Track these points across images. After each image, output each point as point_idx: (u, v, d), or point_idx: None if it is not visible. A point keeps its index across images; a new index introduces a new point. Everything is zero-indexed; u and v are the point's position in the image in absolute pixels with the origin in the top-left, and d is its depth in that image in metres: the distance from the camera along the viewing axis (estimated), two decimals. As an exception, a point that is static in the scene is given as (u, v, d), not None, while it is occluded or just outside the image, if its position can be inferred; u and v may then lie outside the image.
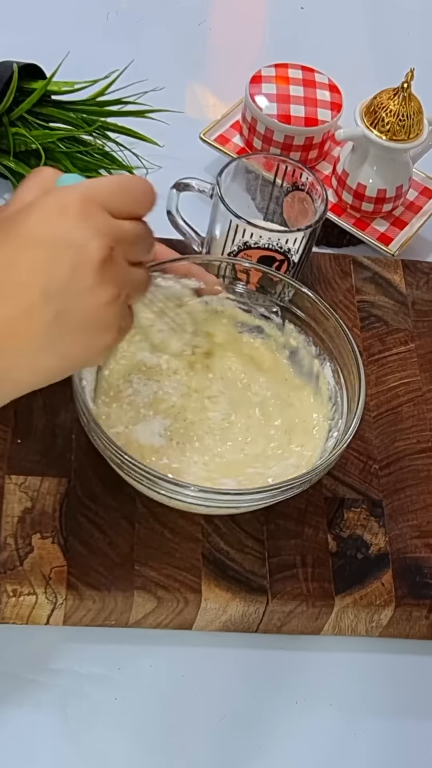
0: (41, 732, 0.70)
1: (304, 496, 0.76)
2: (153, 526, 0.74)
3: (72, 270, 0.57)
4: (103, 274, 0.58)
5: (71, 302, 0.57)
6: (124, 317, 0.60)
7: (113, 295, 0.58)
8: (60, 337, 0.58)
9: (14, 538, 0.72)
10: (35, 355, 0.58)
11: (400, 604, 0.75)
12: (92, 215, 0.58)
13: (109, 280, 0.58)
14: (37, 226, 0.58)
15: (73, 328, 0.58)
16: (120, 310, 0.59)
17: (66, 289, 0.57)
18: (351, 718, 0.74)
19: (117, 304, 0.59)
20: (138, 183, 0.62)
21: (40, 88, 0.95)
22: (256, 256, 0.85)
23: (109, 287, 0.58)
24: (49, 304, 0.57)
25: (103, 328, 0.59)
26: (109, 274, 0.58)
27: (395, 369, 0.87)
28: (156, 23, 1.21)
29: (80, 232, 0.57)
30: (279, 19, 1.28)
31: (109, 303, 0.58)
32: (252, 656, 0.75)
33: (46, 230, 0.58)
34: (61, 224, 0.58)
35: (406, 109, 0.95)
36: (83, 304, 0.58)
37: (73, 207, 0.58)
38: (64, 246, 0.57)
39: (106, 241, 0.58)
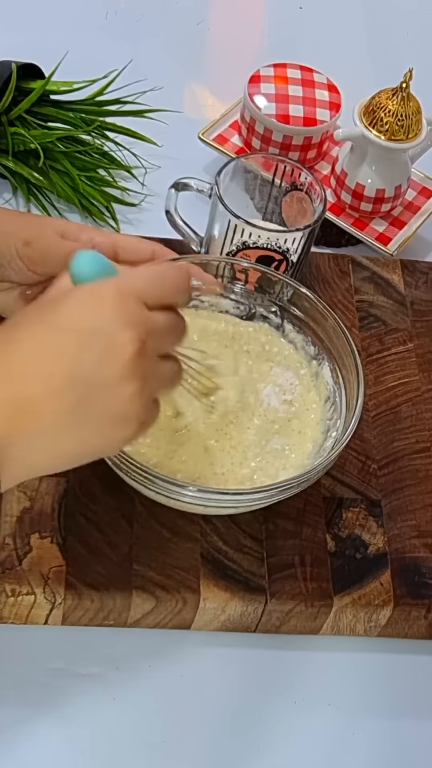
0: (39, 731, 0.70)
1: (302, 495, 0.76)
2: (152, 526, 0.74)
3: (100, 359, 0.57)
4: (132, 367, 0.57)
5: (96, 391, 0.57)
6: (148, 411, 0.60)
7: (138, 388, 0.58)
8: (81, 423, 0.57)
9: (13, 537, 0.72)
10: (54, 438, 0.57)
11: (399, 604, 0.75)
12: (127, 307, 0.58)
13: (137, 373, 0.58)
14: (72, 313, 0.58)
15: (95, 416, 0.57)
16: (144, 404, 0.59)
17: (92, 376, 0.57)
18: (349, 718, 0.74)
19: (141, 397, 0.58)
20: (174, 273, 0.62)
21: (38, 87, 0.95)
22: (255, 255, 0.85)
23: (135, 380, 0.58)
24: (74, 390, 0.56)
25: (125, 420, 0.58)
26: (138, 368, 0.58)
27: (394, 369, 0.88)
28: (155, 23, 1.21)
29: (113, 323, 0.57)
30: (278, 19, 1.28)
31: (134, 396, 0.58)
32: (250, 656, 0.75)
33: (80, 318, 0.58)
34: (96, 314, 0.58)
35: (404, 109, 0.95)
36: (107, 394, 0.57)
37: (109, 298, 0.58)
38: (96, 335, 0.57)
39: (139, 333, 0.58)
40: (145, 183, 1.01)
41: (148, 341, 0.58)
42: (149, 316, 0.59)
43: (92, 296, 0.59)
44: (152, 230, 0.91)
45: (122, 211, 0.99)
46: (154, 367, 0.60)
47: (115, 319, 0.57)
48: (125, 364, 0.57)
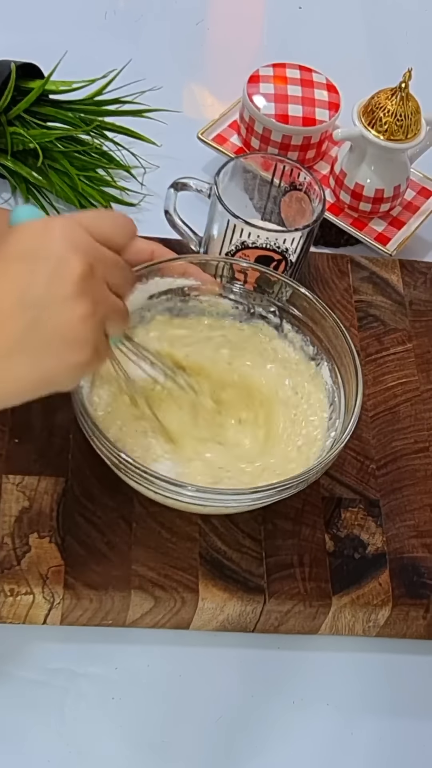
0: (38, 731, 0.70)
1: (301, 495, 0.76)
2: (150, 526, 0.74)
3: (50, 280, 0.58)
4: (82, 287, 0.58)
5: (47, 311, 0.58)
6: (100, 340, 0.61)
7: (89, 310, 0.59)
8: (34, 346, 0.58)
9: (11, 537, 0.72)
10: (9, 362, 0.58)
11: (397, 604, 0.75)
12: (74, 233, 0.60)
13: (87, 295, 0.59)
14: (20, 242, 0.60)
15: (48, 338, 0.58)
16: (95, 328, 0.60)
17: (43, 298, 0.58)
18: (348, 718, 0.74)
19: (93, 320, 0.59)
20: (119, 214, 0.64)
21: (37, 87, 0.95)
22: (254, 255, 0.85)
23: (85, 302, 0.59)
24: (25, 312, 0.58)
25: (78, 343, 0.59)
26: (87, 289, 0.59)
27: (393, 369, 0.88)
28: (154, 23, 1.21)
29: (61, 246, 0.59)
30: (277, 19, 1.28)
31: (85, 317, 0.59)
32: (249, 656, 0.75)
33: (28, 246, 0.59)
34: (44, 240, 0.59)
35: (403, 109, 0.95)
36: (59, 315, 0.58)
37: (57, 226, 0.59)
38: (44, 257, 0.58)
39: (86, 257, 0.59)
40: (144, 183, 1.01)
41: (96, 265, 0.59)
42: (96, 245, 0.61)
43: (40, 226, 0.60)
44: (151, 230, 0.91)
45: (121, 210, 0.99)
46: (104, 294, 0.61)
47: (63, 243, 0.59)
48: (75, 283, 0.58)
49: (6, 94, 0.93)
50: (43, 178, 0.96)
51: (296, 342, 0.81)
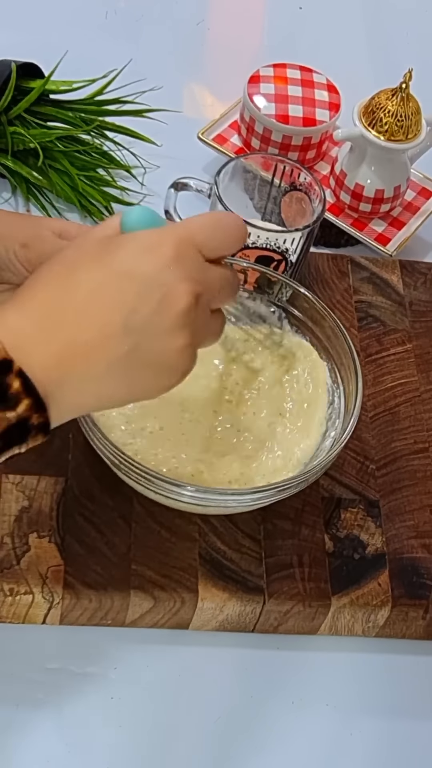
0: (37, 731, 0.70)
1: (301, 496, 0.76)
2: (150, 526, 0.74)
3: (156, 309, 0.57)
4: (185, 319, 0.58)
5: (148, 340, 0.57)
6: (194, 361, 0.61)
7: (188, 341, 0.58)
8: (129, 370, 0.58)
9: (11, 537, 0.72)
10: (101, 382, 0.58)
11: (397, 605, 0.75)
12: (186, 258, 0.58)
13: (189, 327, 0.58)
14: (130, 258, 0.58)
15: (143, 364, 0.58)
16: (191, 356, 0.60)
17: (146, 326, 0.57)
18: (347, 718, 0.74)
19: (190, 350, 0.59)
20: (230, 219, 0.62)
21: (38, 87, 0.95)
22: (254, 256, 0.85)
23: (186, 334, 0.58)
24: (127, 338, 0.57)
25: (172, 370, 0.59)
26: (190, 321, 0.58)
27: (392, 369, 0.88)
28: (155, 22, 1.21)
29: (171, 274, 0.58)
30: (277, 19, 1.28)
31: (183, 349, 0.58)
32: (248, 656, 0.75)
33: (138, 265, 0.58)
34: (154, 262, 0.58)
35: (404, 110, 0.95)
36: (159, 345, 0.58)
37: (168, 246, 0.58)
38: (154, 284, 0.57)
39: (195, 287, 0.58)
40: (144, 183, 1.01)
41: (202, 295, 0.59)
42: (206, 270, 0.60)
43: (153, 243, 0.59)
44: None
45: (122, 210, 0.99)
46: (205, 321, 0.60)
47: (174, 270, 0.58)
48: (179, 316, 0.58)
49: (6, 93, 0.93)
50: (43, 178, 0.96)
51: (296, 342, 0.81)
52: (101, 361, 0.57)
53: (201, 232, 0.60)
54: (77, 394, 0.58)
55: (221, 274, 0.61)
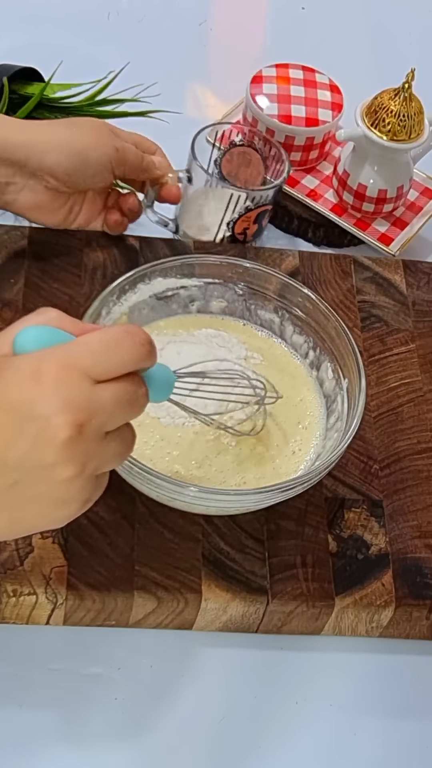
0: (41, 732, 0.70)
1: (304, 496, 0.76)
2: (153, 527, 0.74)
3: (33, 444, 0.53)
4: (65, 452, 0.53)
5: (29, 475, 0.54)
6: (90, 489, 0.56)
7: (75, 472, 0.54)
8: (14, 504, 0.55)
9: (14, 538, 0.72)
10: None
11: (401, 605, 0.75)
12: (67, 386, 0.54)
13: (72, 459, 0.54)
14: (8, 390, 0.54)
15: (31, 498, 0.55)
16: (83, 486, 0.55)
17: (25, 461, 0.53)
18: (351, 719, 0.74)
19: (80, 479, 0.55)
20: (132, 338, 0.56)
21: (36, 94, 0.95)
22: (254, 215, 0.90)
23: (70, 465, 0.54)
24: (6, 473, 0.54)
25: (64, 502, 0.55)
26: (73, 452, 0.54)
27: (396, 369, 0.87)
28: (157, 23, 1.21)
29: (49, 405, 0.53)
30: (280, 20, 1.28)
31: (71, 480, 0.54)
32: (252, 656, 0.75)
33: (16, 396, 0.54)
34: (33, 392, 0.54)
35: (406, 110, 0.95)
36: (42, 479, 0.54)
37: (49, 375, 0.54)
38: (29, 418, 0.53)
39: (76, 416, 0.53)
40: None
41: (90, 422, 0.54)
42: (93, 395, 0.55)
43: (32, 371, 0.54)
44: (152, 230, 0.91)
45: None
46: (96, 448, 0.55)
47: (51, 401, 0.53)
48: (59, 449, 0.53)
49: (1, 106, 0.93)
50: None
51: (298, 343, 0.81)
52: None
53: (89, 356, 0.55)
54: None
55: (115, 394, 0.55)
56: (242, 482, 0.75)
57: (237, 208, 0.89)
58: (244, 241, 0.92)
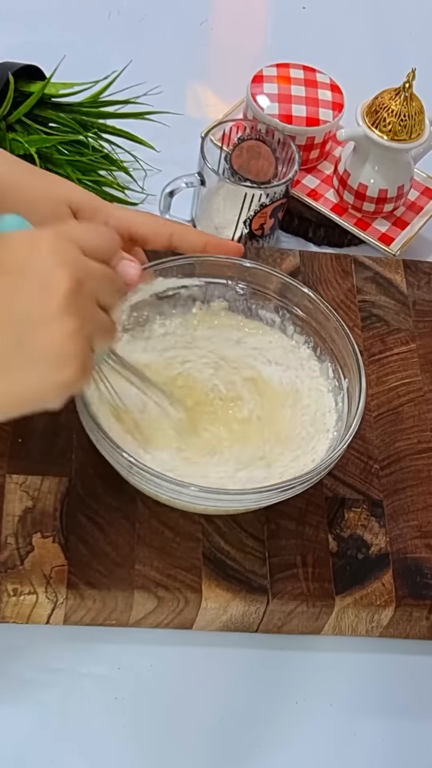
0: (41, 731, 0.70)
1: (304, 495, 0.76)
2: (153, 526, 0.74)
3: (36, 297, 0.56)
4: (69, 303, 0.57)
5: (32, 329, 0.57)
6: (87, 356, 0.59)
7: (76, 325, 0.57)
8: (19, 363, 0.57)
9: (15, 537, 0.72)
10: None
11: (401, 605, 0.75)
12: (63, 248, 0.58)
13: (74, 312, 0.57)
14: (6, 255, 0.58)
15: (33, 355, 0.57)
16: (82, 345, 0.58)
17: (28, 315, 0.56)
18: (351, 718, 0.74)
19: (79, 337, 0.58)
20: (103, 227, 0.64)
21: (36, 92, 0.95)
22: (270, 210, 0.91)
23: (73, 318, 0.57)
24: (9, 329, 0.56)
25: (64, 359, 0.58)
26: (75, 306, 0.57)
27: (396, 369, 0.87)
28: (157, 23, 1.21)
29: (48, 261, 0.57)
30: (280, 19, 1.28)
31: (71, 333, 0.57)
32: (252, 656, 0.75)
33: (15, 260, 0.58)
34: (31, 254, 0.58)
35: (407, 109, 0.95)
36: (45, 332, 0.57)
37: (45, 240, 0.58)
38: (31, 273, 0.57)
39: (75, 272, 0.58)
40: (147, 184, 1.01)
41: (86, 280, 0.58)
42: (85, 260, 0.59)
43: (28, 239, 0.59)
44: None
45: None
46: (91, 310, 0.59)
47: (50, 258, 0.57)
48: (61, 300, 0.57)
49: (5, 103, 0.93)
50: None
51: (299, 342, 0.81)
52: None
53: (76, 230, 0.61)
54: None
55: (102, 268, 0.60)
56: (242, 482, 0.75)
57: (252, 205, 0.90)
58: (261, 236, 0.94)
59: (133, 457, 0.69)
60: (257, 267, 0.81)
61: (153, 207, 0.99)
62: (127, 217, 0.74)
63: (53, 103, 0.99)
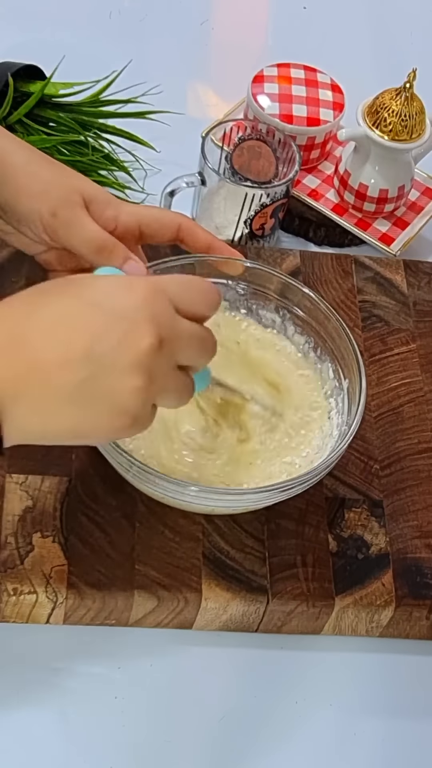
0: (41, 731, 0.70)
1: (304, 495, 0.76)
2: (153, 526, 0.74)
3: (119, 342, 0.57)
4: (143, 360, 0.57)
5: (105, 372, 0.57)
6: (146, 412, 0.59)
7: (143, 384, 0.58)
8: (82, 401, 0.57)
9: (15, 536, 0.72)
10: (54, 408, 0.57)
11: (401, 605, 0.75)
12: (156, 302, 0.59)
13: (146, 370, 0.58)
14: (102, 292, 0.59)
15: (97, 397, 0.57)
16: (144, 402, 0.59)
17: (106, 357, 0.57)
18: (351, 718, 0.74)
19: (143, 395, 0.58)
20: (203, 283, 0.63)
21: (36, 92, 0.95)
22: (270, 210, 0.91)
23: (142, 376, 0.58)
24: (87, 365, 0.57)
25: (121, 411, 0.58)
26: (149, 364, 0.58)
27: (396, 369, 0.87)
28: (158, 23, 1.21)
29: (139, 312, 0.58)
30: (281, 19, 1.28)
31: (136, 390, 0.58)
32: (252, 656, 0.75)
33: (109, 299, 0.58)
34: (125, 299, 0.58)
35: (408, 109, 0.95)
36: (114, 380, 0.57)
37: (140, 289, 0.59)
38: (121, 318, 0.58)
39: (160, 330, 0.58)
40: (147, 184, 1.01)
41: (169, 341, 0.59)
42: (176, 320, 0.60)
43: (125, 283, 0.60)
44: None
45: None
46: (165, 371, 0.60)
47: (143, 309, 0.58)
48: (138, 354, 0.57)
49: (5, 104, 0.93)
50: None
51: (299, 342, 0.81)
52: (58, 383, 0.57)
53: (173, 286, 0.61)
54: (28, 415, 0.57)
55: (192, 330, 0.61)
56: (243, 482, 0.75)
57: (253, 205, 0.91)
58: (262, 236, 0.94)
59: (133, 457, 0.69)
60: (258, 267, 0.81)
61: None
62: (137, 212, 0.75)
63: (53, 103, 0.99)
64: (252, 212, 0.91)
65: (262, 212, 0.92)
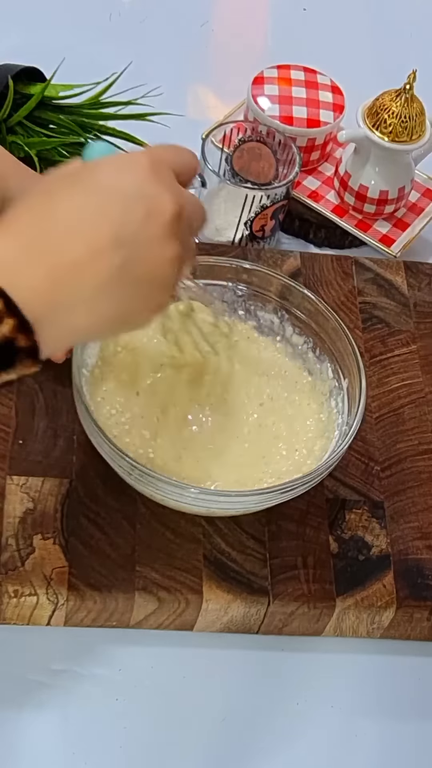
0: (42, 732, 0.70)
1: (305, 497, 0.76)
2: (154, 527, 0.74)
3: (145, 220, 0.57)
4: (173, 229, 0.58)
5: (139, 251, 0.57)
6: (177, 282, 0.61)
7: (177, 252, 0.59)
8: (122, 286, 0.57)
9: (15, 538, 0.72)
10: (95, 299, 0.57)
11: (402, 606, 0.75)
12: (162, 173, 0.59)
13: (177, 237, 0.58)
14: (109, 177, 0.58)
15: (136, 277, 0.58)
16: (178, 270, 0.60)
17: (137, 237, 0.57)
18: (352, 720, 0.74)
19: (177, 263, 0.59)
20: (185, 149, 0.64)
21: (36, 94, 0.95)
22: (270, 212, 0.91)
23: (175, 244, 0.58)
24: (118, 251, 0.57)
25: (163, 284, 0.59)
26: (177, 231, 0.58)
27: (397, 370, 0.87)
28: (158, 24, 1.21)
29: (154, 187, 0.58)
30: (281, 21, 1.28)
31: (173, 259, 0.59)
32: (253, 657, 0.75)
33: (118, 181, 0.58)
34: (134, 177, 0.58)
35: (408, 111, 0.95)
36: (150, 255, 0.58)
37: (145, 164, 0.59)
38: (139, 196, 0.57)
39: (177, 198, 0.59)
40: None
41: (184, 207, 0.59)
42: (179, 186, 0.60)
43: (129, 161, 0.59)
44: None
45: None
46: (187, 236, 0.61)
47: (153, 182, 0.58)
48: (167, 224, 0.58)
49: (5, 106, 0.93)
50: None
51: (298, 343, 0.81)
52: (93, 277, 0.56)
53: (167, 154, 0.62)
54: (70, 314, 0.57)
55: (191, 195, 0.62)
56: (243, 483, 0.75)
57: (253, 207, 0.91)
58: (262, 238, 0.94)
59: (134, 459, 0.69)
60: (257, 268, 0.81)
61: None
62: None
63: (53, 105, 0.98)
64: (252, 214, 0.91)
65: (263, 214, 0.92)
